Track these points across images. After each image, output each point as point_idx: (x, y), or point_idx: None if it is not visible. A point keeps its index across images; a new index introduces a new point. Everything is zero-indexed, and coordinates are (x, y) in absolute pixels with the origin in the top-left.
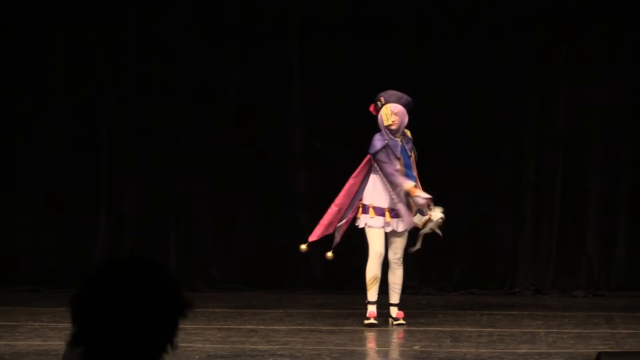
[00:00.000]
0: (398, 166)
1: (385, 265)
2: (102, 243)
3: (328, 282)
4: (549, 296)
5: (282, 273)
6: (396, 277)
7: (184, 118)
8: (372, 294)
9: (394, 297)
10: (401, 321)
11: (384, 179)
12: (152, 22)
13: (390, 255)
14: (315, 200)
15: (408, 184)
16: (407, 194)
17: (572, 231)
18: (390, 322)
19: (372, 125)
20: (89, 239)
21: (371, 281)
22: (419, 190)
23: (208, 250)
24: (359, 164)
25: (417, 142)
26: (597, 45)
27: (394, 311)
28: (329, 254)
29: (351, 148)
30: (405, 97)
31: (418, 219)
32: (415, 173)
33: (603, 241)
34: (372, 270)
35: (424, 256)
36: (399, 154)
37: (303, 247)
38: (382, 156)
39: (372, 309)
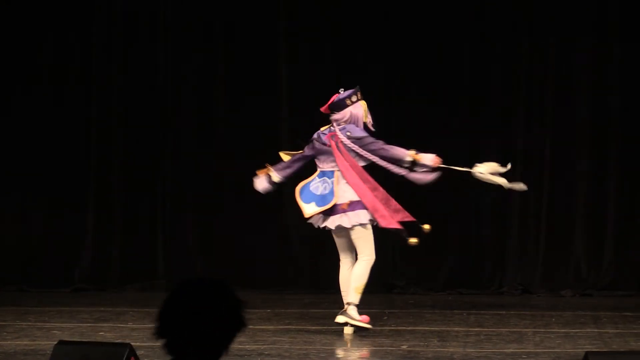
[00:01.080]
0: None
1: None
2: (89, 243)
3: (315, 281)
4: (537, 296)
5: (270, 273)
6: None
7: (170, 117)
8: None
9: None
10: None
11: (381, 161)
12: (136, 20)
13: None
14: None
15: (409, 152)
16: (413, 162)
17: (560, 231)
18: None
19: None
20: (76, 238)
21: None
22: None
23: (195, 250)
24: None
25: (407, 141)
26: (585, 47)
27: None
28: (413, 240)
29: None
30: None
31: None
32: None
33: (591, 241)
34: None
35: (411, 256)
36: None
37: (414, 240)
38: (369, 139)
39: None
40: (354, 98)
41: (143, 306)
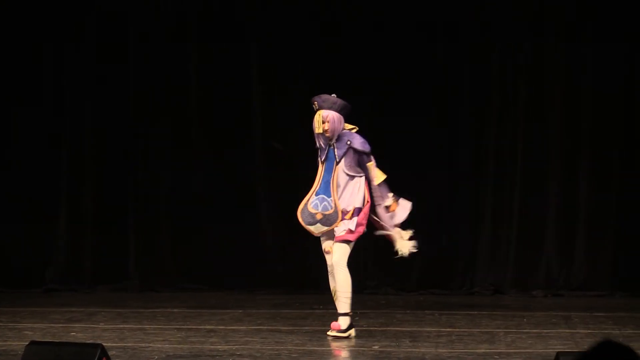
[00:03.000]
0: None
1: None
2: (60, 243)
3: (287, 282)
4: (508, 296)
5: (241, 273)
6: (337, 284)
7: (143, 118)
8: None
9: (337, 304)
10: (334, 332)
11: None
12: (112, 21)
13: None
14: (275, 200)
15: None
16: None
17: (531, 231)
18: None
19: None
20: (48, 239)
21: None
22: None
23: (167, 251)
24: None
25: (377, 144)
26: (558, 46)
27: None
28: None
29: (311, 148)
30: (340, 102)
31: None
32: (334, 178)
33: (562, 241)
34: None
35: (383, 256)
36: (322, 158)
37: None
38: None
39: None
40: (313, 109)
41: (114, 307)
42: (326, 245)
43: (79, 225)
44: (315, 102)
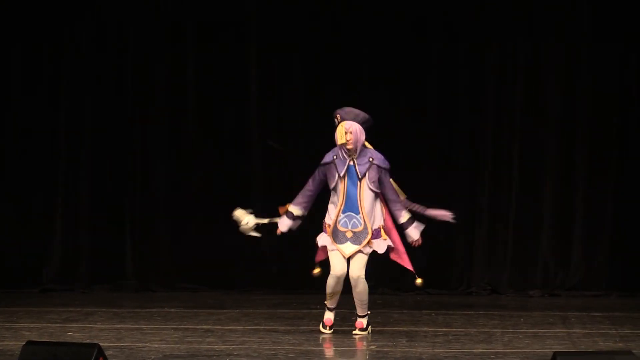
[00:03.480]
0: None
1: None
2: (57, 243)
3: (284, 282)
4: (505, 296)
5: (238, 273)
6: (357, 294)
7: (140, 119)
8: (331, 303)
9: (359, 310)
10: (357, 331)
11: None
12: (111, 21)
13: (350, 273)
14: (272, 201)
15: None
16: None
17: (527, 231)
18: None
19: (329, 126)
20: (45, 239)
21: (330, 295)
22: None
23: (164, 251)
24: (314, 165)
25: (374, 144)
26: (554, 45)
27: (357, 320)
28: (315, 271)
29: (308, 149)
30: (362, 115)
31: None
32: (361, 195)
33: (559, 241)
34: (330, 286)
35: (380, 256)
36: (342, 173)
37: (419, 281)
38: (320, 170)
39: (329, 316)
40: (335, 122)
41: (111, 306)
42: (350, 250)
43: (76, 225)
44: (338, 115)
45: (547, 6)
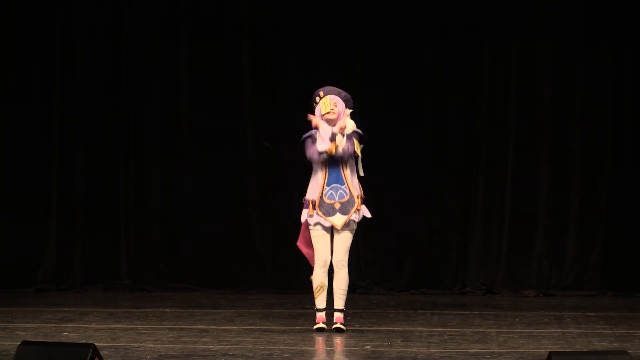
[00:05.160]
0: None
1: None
2: (52, 243)
3: (279, 281)
4: (500, 296)
5: (233, 273)
6: (338, 281)
7: (134, 117)
8: (320, 302)
9: (338, 302)
10: (339, 325)
11: (316, 160)
12: (105, 19)
13: (333, 258)
14: (266, 200)
15: (330, 146)
16: (336, 148)
17: (522, 231)
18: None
19: None
20: (39, 238)
21: (317, 290)
22: (337, 142)
23: (158, 251)
24: (308, 166)
25: (368, 143)
26: (548, 46)
27: (336, 316)
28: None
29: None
30: (345, 93)
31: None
32: (342, 164)
33: (553, 241)
34: (318, 278)
35: (375, 256)
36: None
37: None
38: (307, 142)
39: (320, 315)
40: (317, 99)
41: (106, 306)
42: (341, 220)
43: (71, 225)
44: (321, 92)
45: (539, 4)
